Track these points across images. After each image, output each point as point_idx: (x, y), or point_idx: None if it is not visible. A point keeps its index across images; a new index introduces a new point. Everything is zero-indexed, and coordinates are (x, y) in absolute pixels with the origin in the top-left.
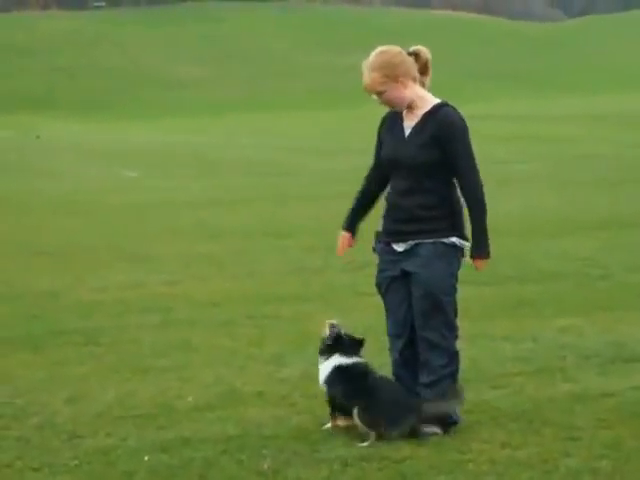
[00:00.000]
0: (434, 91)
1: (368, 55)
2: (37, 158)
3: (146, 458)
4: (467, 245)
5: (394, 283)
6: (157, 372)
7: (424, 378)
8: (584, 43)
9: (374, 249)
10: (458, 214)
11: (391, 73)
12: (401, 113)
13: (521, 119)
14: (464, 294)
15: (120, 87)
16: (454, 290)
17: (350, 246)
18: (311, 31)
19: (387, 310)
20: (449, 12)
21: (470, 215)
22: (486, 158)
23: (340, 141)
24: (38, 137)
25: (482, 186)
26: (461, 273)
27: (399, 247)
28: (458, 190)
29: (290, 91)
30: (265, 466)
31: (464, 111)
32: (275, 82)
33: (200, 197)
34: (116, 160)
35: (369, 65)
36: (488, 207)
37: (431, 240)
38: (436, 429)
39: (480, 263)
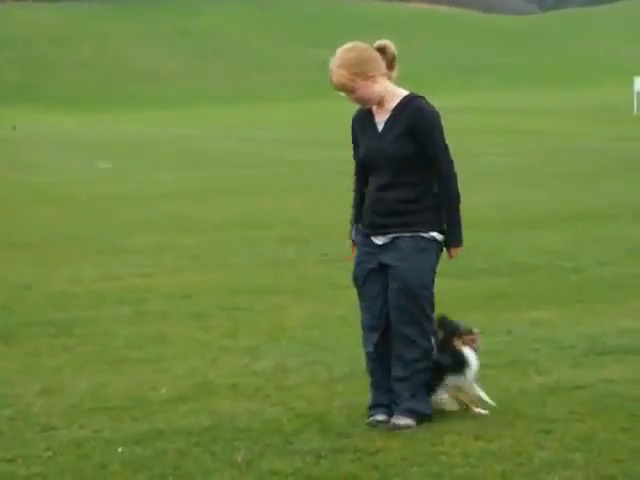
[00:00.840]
0: (411, 84)
1: (334, 52)
2: (12, 150)
3: (120, 450)
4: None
5: (372, 275)
6: (131, 364)
7: (398, 372)
8: (559, 36)
9: (353, 241)
10: (437, 208)
11: (360, 70)
12: (371, 109)
13: (497, 112)
14: (437, 287)
15: (97, 79)
16: (432, 284)
17: None
18: (288, 24)
19: (363, 302)
20: (425, 5)
21: (445, 205)
22: (461, 151)
23: (315, 133)
24: (14, 128)
25: (457, 176)
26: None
27: (378, 240)
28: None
29: (266, 84)
30: (238, 458)
31: (439, 104)
32: (251, 75)
33: (174, 189)
34: (91, 152)
35: (337, 63)
36: (464, 200)
37: (410, 234)
38: (409, 421)
39: (455, 251)
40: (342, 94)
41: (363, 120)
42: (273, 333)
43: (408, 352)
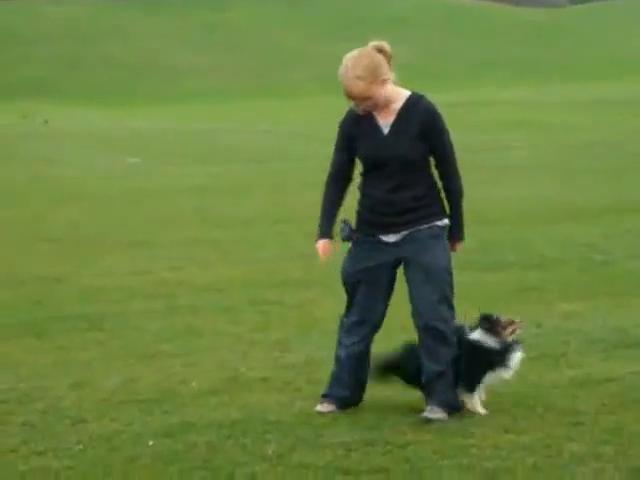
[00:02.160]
0: (435, 78)
1: (343, 61)
2: (41, 145)
3: (150, 443)
4: None
5: (376, 272)
6: (161, 358)
7: (433, 368)
8: (588, 29)
9: (349, 238)
10: (440, 196)
11: (375, 76)
12: (369, 112)
13: (525, 106)
14: (466, 280)
15: (123, 75)
16: (452, 270)
17: (331, 252)
18: (315, 19)
19: (356, 297)
20: None
21: (450, 200)
22: (489, 144)
23: None
24: (46, 122)
25: (460, 172)
26: (463, 260)
27: (390, 238)
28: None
29: (294, 79)
30: (269, 451)
31: (465, 98)
32: (278, 70)
33: (203, 183)
34: (119, 147)
35: (352, 73)
36: (489, 194)
37: (427, 225)
38: (441, 414)
39: (460, 246)
40: (351, 103)
41: (360, 123)
42: (303, 326)
43: (441, 347)
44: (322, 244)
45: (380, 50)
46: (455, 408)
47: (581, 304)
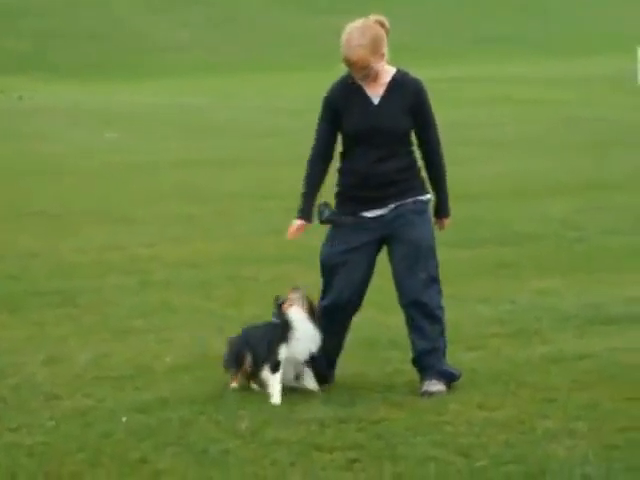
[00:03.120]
0: (420, 53)
1: (345, 29)
2: (19, 120)
3: (124, 419)
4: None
5: (357, 253)
6: (135, 333)
7: (424, 345)
8: (575, 5)
9: (330, 220)
10: (420, 172)
11: (377, 47)
12: (356, 84)
13: (505, 82)
14: (442, 256)
15: (107, 49)
16: (435, 245)
17: (300, 233)
18: None
19: (334, 280)
20: None
21: (437, 176)
22: (473, 121)
23: None
24: (20, 98)
25: (443, 153)
26: (439, 235)
27: (374, 212)
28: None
29: (280, 53)
30: (243, 426)
31: (452, 73)
32: (265, 44)
33: (185, 159)
34: (99, 122)
35: (356, 42)
36: (469, 170)
37: (411, 199)
38: (441, 387)
39: (447, 221)
40: (341, 66)
41: (347, 96)
42: None
43: (430, 323)
44: (296, 224)
45: (381, 25)
46: (452, 379)
47: (555, 281)
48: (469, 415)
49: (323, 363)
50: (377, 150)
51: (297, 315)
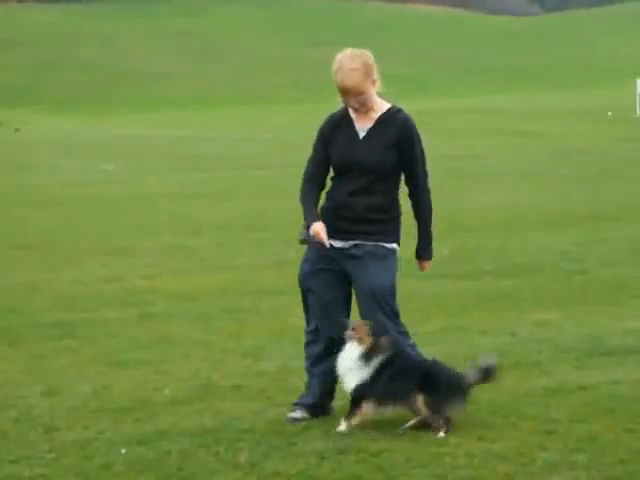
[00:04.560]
0: (413, 85)
1: (337, 59)
2: (16, 152)
3: (123, 451)
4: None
5: (327, 277)
6: (134, 365)
7: None
8: (561, 38)
9: (304, 241)
10: (398, 219)
11: (370, 74)
12: (348, 115)
13: (500, 113)
14: (441, 288)
15: (101, 81)
16: (394, 291)
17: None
18: (290, 25)
19: (317, 304)
20: (426, 6)
21: (422, 218)
22: (465, 153)
23: None
24: (17, 130)
25: (430, 191)
26: (437, 267)
27: (337, 243)
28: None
29: (269, 85)
30: (242, 459)
31: (442, 105)
32: (255, 77)
33: (178, 190)
34: (95, 154)
35: (349, 66)
36: (469, 201)
37: (372, 243)
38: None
39: (427, 264)
40: (341, 98)
41: (337, 126)
42: (277, 334)
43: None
44: (317, 225)
45: (366, 55)
46: None
47: (555, 312)
48: (469, 447)
49: (318, 391)
50: (353, 183)
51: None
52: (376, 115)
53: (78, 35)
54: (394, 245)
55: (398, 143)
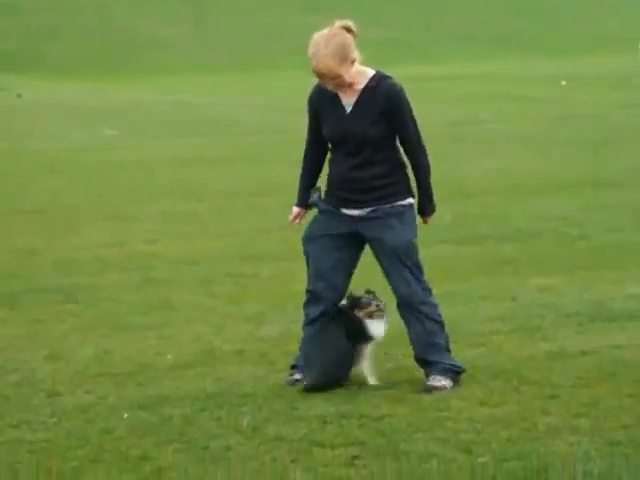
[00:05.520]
0: (413, 51)
1: (315, 40)
2: (17, 117)
3: (125, 415)
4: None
5: (334, 241)
6: (136, 330)
7: (420, 341)
8: (567, 3)
9: (315, 205)
10: (406, 174)
11: (345, 55)
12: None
13: (502, 79)
14: (442, 253)
15: (101, 48)
16: (417, 245)
17: (302, 218)
18: None
19: (315, 266)
20: None
21: (419, 174)
22: (466, 118)
23: None
24: (19, 96)
25: (425, 148)
26: (438, 233)
27: (353, 212)
28: (402, 152)
29: (269, 52)
30: (244, 423)
31: (445, 71)
32: (254, 43)
33: (180, 156)
34: (97, 119)
35: (323, 51)
36: (467, 167)
37: (389, 205)
38: (445, 382)
39: (430, 218)
40: (314, 79)
41: (325, 98)
42: (279, 299)
43: (420, 321)
44: (296, 210)
45: (348, 30)
46: (456, 373)
47: (557, 278)
48: (471, 412)
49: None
50: (352, 157)
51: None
52: (359, 87)
53: (79, 1)
54: (410, 199)
55: (386, 112)
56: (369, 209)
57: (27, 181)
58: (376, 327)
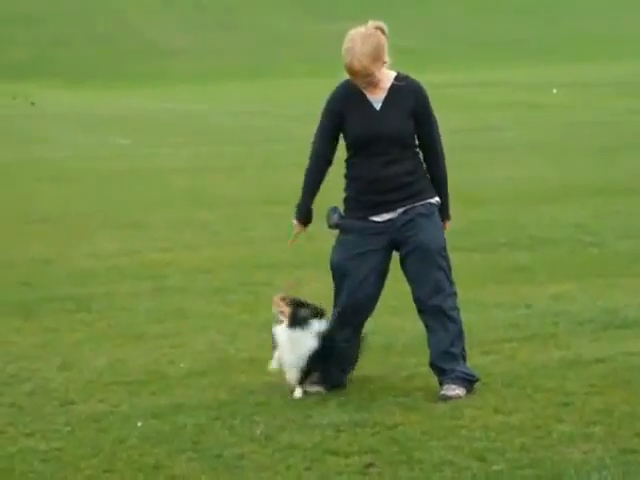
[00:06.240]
0: (426, 57)
1: (349, 36)
2: (31, 126)
3: (139, 424)
4: None
5: (367, 258)
6: (149, 339)
7: (440, 348)
8: (581, 10)
9: (337, 225)
10: (426, 174)
11: (379, 55)
12: (357, 87)
13: (515, 86)
14: (456, 261)
15: (113, 55)
16: (446, 247)
17: (299, 234)
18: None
19: (345, 285)
20: None
21: (438, 178)
22: (478, 125)
23: None
24: (33, 104)
25: (444, 155)
26: (452, 240)
27: (383, 217)
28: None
29: (283, 59)
30: (258, 432)
31: (458, 79)
32: (268, 50)
33: (193, 164)
34: (109, 128)
35: (360, 50)
36: (479, 174)
37: (421, 202)
38: (459, 391)
39: (448, 224)
40: (351, 77)
41: (351, 98)
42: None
43: (445, 327)
44: (299, 227)
45: (382, 31)
46: (471, 382)
47: (570, 285)
48: (485, 419)
49: (334, 368)
50: (382, 156)
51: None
52: (385, 85)
53: (90, 9)
54: (436, 198)
55: (415, 110)
56: (401, 210)
57: (39, 189)
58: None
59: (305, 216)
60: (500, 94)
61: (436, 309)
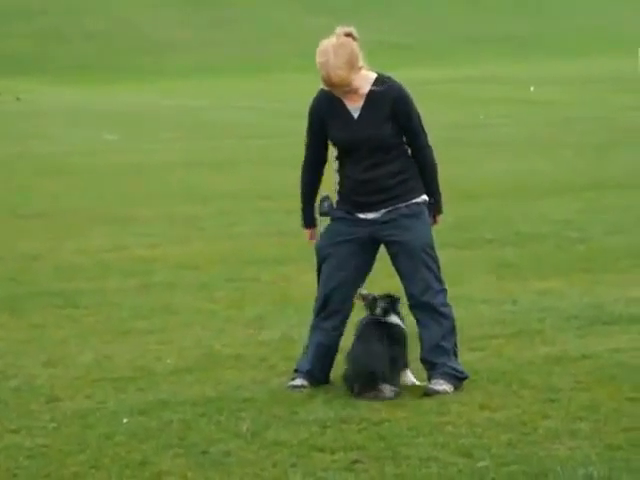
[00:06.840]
0: (420, 53)
1: (323, 46)
2: (19, 121)
3: (125, 420)
4: None
5: (349, 245)
6: (136, 335)
7: (430, 343)
8: (574, 4)
9: (327, 213)
10: (417, 173)
11: (354, 65)
12: (336, 95)
13: (507, 81)
14: (443, 257)
15: (106, 50)
16: (434, 244)
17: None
18: None
19: (325, 271)
20: None
21: (427, 174)
22: (471, 121)
23: None
24: (18, 99)
25: (432, 147)
26: (439, 236)
27: (368, 215)
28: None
29: (279, 54)
30: (244, 428)
31: (451, 74)
32: (264, 45)
33: (183, 159)
34: (99, 123)
35: (334, 63)
36: (471, 170)
37: (405, 204)
38: (446, 386)
39: (439, 218)
40: (324, 87)
41: (330, 104)
42: (279, 303)
43: (436, 323)
44: (309, 232)
45: (352, 37)
46: (460, 378)
47: (557, 281)
48: (471, 416)
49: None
50: (365, 160)
51: None
52: (364, 91)
53: (84, 3)
54: (424, 196)
55: (394, 114)
56: (385, 210)
57: (29, 185)
58: None
59: (310, 221)
60: (492, 89)
61: (427, 306)
